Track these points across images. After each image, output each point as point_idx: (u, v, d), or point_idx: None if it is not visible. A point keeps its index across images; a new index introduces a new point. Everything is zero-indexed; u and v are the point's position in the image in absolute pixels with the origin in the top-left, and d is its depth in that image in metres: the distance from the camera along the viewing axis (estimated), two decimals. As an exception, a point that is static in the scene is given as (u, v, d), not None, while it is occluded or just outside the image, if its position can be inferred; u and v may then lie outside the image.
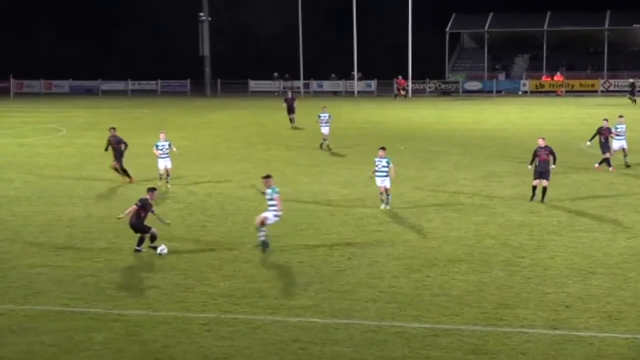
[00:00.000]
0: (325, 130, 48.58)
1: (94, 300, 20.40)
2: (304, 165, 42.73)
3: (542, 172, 31.62)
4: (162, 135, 36.54)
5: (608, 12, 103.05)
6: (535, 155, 32.04)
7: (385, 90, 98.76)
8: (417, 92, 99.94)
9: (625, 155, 40.69)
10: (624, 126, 41.19)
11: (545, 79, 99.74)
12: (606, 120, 40.98)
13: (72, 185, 36.75)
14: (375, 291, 20.99)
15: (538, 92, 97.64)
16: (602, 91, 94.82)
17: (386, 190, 30.55)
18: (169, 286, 21.35)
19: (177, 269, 22.84)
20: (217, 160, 44.63)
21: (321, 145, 48.52)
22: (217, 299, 20.30)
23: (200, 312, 19.63)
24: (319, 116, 48.91)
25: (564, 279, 22.07)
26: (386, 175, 30.29)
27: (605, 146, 39.98)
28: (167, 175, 35.98)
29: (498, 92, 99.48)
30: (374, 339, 17.67)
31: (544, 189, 31.55)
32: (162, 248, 24.41)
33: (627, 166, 40.08)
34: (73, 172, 40.82)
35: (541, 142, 32.10)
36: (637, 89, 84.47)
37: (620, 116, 42.18)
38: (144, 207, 24.68)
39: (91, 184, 37.01)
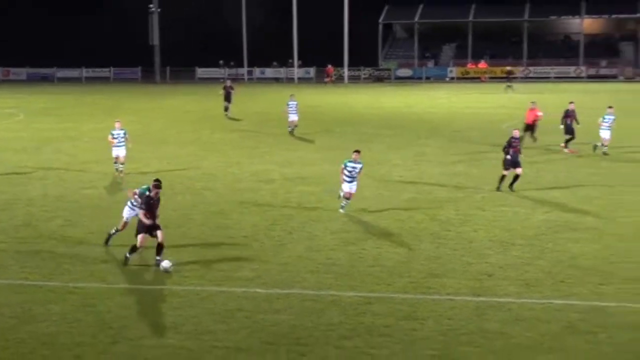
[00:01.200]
0: (293, 117, 47.21)
1: (52, 274, 20.25)
2: (247, 147, 42.62)
3: (515, 162, 30.29)
4: (117, 124, 34.44)
5: (528, 4, 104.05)
6: (510, 145, 30.39)
7: (324, 77, 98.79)
8: (352, 79, 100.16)
9: (604, 145, 39.04)
10: (612, 117, 39.18)
11: (470, 67, 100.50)
12: (572, 102, 40.79)
13: (29, 167, 36.31)
14: (314, 263, 21.10)
15: (464, 78, 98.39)
16: (521, 77, 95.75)
17: (350, 195, 26.83)
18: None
19: (130, 245, 22.72)
20: (166, 143, 44.34)
21: (291, 131, 47.56)
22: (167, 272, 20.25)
23: (152, 284, 19.60)
24: (288, 104, 47.75)
25: (487, 250, 22.36)
26: (354, 180, 26.73)
27: (569, 128, 39.73)
28: (121, 163, 34.02)
29: (427, 78, 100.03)
30: (313, 308, 17.78)
31: (517, 177, 30.28)
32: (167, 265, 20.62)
33: (605, 154, 38.59)
34: (30, 155, 40.32)
35: (516, 133, 30.87)
36: (512, 76, 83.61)
37: (610, 107, 39.80)
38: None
39: (48, 166, 36.59)
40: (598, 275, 19.84)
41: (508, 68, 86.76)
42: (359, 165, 26.46)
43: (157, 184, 21.10)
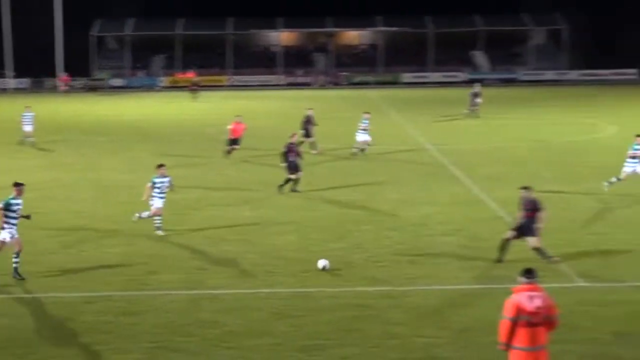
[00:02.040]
0: (28, 128, 44.27)
1: None
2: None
3: (297, 165, 30.23)
4: None
5: (232, 19, 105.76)
6: (289, 150, 30.02)
7: (39, 86, 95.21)
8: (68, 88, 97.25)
9: (360, 147, 38.06)
10: (367, 121, 37.92)
11: (179, 76, 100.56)
12: (311, 109, 41.00)
13: None
14: (37, 267, 20.38)
15: (173, 87, 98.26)
16: (227, 85, 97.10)
17: (159, 211, 24.14)
18: None
19: None
20: None
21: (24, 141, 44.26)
22: None
23: None
24: (22, 115, 44.50)
25: (201, 246, 22.57)
26: (164, 196, 24.30)
27: (308, 132, 39.75)
28: None
29: (139, 87, 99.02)
30: (33, 311, 17.23)
31: (298, 180, 30.09)
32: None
33: (354, 154, 37.81)
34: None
35: (294, 138, 30.73)
36: (197, 86, 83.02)
37: (366, 112, 37.64)
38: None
39: None
40: (300, 264, 20.59)
41: (193, 78, 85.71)
42: (166, 179, 24.24)
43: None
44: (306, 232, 24.08)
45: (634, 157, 28.68)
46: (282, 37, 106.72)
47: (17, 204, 19.53)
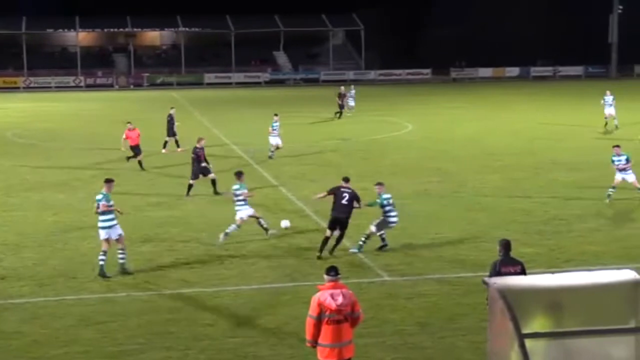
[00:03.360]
0: None
1: None
2: None
3: (205, 169, 29.37)
4: None
5: (24, 17, 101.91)
6: (197, 155, 29.11)
7: None
8: None
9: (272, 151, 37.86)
10: (278, 124, 38.08)
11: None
12: (173, 108, 41.61)
13: None
14: None
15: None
16: (24, 87, 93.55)
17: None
18: None
19: None
20: None
21: None
22: None
23: None
24: None
25: (-1, 254, 21.68)
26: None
27: (172, 131, 40.23)
28: None
29: None
30: None
31: (214, 181, 29.28)
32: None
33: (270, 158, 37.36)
34: None
35: (201, 143, 29.40)
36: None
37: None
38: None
39: None
40: (105, 268, 20.09)
41: None
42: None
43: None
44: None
45: (622, 170, 27.09)
46: (80, 37, 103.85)
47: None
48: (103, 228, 19.72)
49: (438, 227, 24.24)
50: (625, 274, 10.50)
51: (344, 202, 21.01)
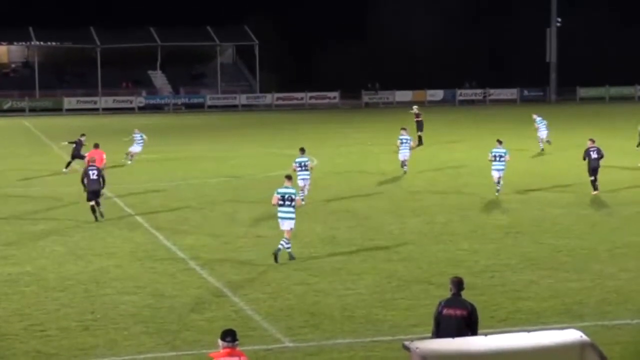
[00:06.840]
0: None
1: None
2: None
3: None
4: None
5: None
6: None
7: None
8: None
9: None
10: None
11: None
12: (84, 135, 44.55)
13: None
14: None
15: None
16: None
17: None
18: None
19: None
20: None
21: None
22: None
23: None
24: None
25: None
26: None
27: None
28: None
29: None
30: None
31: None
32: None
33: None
34: None
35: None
36: None
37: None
38: None
39: None
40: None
41: None
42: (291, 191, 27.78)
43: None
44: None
45: (496, 160, 36.64)
46: None
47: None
48: None
49: (348, 281, 24.31)
50: (570, 335, 10.68)
51: None
